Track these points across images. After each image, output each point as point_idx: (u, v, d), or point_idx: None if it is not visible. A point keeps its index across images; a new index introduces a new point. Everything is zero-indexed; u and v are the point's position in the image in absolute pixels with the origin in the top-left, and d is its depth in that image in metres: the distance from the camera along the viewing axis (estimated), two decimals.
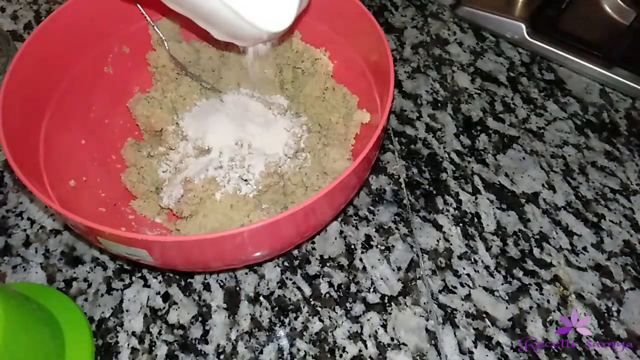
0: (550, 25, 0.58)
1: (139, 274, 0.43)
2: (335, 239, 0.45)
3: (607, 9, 0.60)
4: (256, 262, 0.43)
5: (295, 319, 0.41)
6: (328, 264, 0.44)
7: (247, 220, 0.40)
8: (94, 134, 0.45)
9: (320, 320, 0.41)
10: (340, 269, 0.43)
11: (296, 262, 0.44)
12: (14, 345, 0.32)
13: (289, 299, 0.42)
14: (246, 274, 0.43)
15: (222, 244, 0.33)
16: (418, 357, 0.39)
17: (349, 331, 0.40)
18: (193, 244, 0.31)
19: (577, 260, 0.44)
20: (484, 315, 0.41)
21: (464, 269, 0.44)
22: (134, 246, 0.32)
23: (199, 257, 0.35)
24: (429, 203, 0.47)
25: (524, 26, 0.58)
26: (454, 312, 0.41)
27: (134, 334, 0.40)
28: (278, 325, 0.41)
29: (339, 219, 0.46)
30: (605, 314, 0.42)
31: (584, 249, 0.45)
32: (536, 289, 0.43)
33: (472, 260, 0.44)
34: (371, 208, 0.47)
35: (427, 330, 0.41)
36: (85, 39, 0.44)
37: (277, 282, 0.43)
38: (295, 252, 0.44)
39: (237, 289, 0.42)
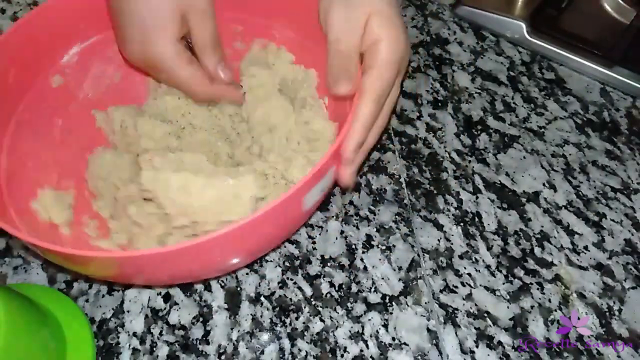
0: (551, 24, 0.58)
1: None
2: (336, 238, 0.45)
3: (607, 7, 0.60)
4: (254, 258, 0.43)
5: (297, 319, 0.41)
6: (329, 264, 0.44)
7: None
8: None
9: (322, 320, 0.41)
10: (341, 269, 0.43)
11: (297, 262, 0.44)
12: (15, 346, 0.32)
13: (290, 299, 0.42)
14: (247, 274, 0.43)
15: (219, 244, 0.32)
16: (419, 357, 0.39)
17: (350, 331, 0.40)
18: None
19: (578, 260, 0.44)
20: (485, 315, 0.41)
21: (465, 268, 0.44)
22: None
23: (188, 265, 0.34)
24: (429, 203, 0.47)
25: (524, 25, 0.58)
26: (455, 311, 0.41)
27: (135, 334, 0.40)
28: (279, 325, 0.41)
29: (340, 218, 0.46)
30: (607, 313, 0.42)
31: (585, 248, 0.45)
32: (537, 288, 0.43)
33: (473, 259, 0.44)
34: (372, 208, 0.47)
35: (428, 330, 0.41)
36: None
37: (278, 282, 0.43)
38: (296, 252, 0.44)
39: (238, 289, 0.42)
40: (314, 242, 0.45)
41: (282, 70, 0.49)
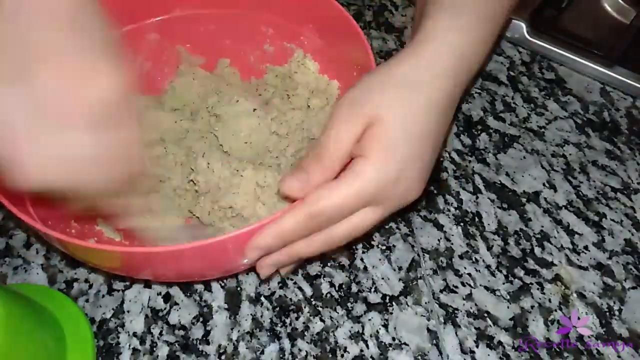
0: (551, 24, 0.58)
1: None
2: None
3: (607, 7, 0.60)
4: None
5: (297, 319, 0.41)
6: (329, 264, 0.44)
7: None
8: None
9: (322, 320, 0.41)
10: (341, 269, 0.43)
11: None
12: (15, 347, 0.32)
13: (290, 299, 0.42)
14: (247, 274, 0.43)
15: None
16: (419, 357, 0.39)
17: (350, 331, 0.40)
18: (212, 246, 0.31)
19: (578, 259, 0.44)
20: (486, 315, 0.41)
21: (465, 268, 0.44)
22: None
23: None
24: (429, 202, 0.47)
25: (524, 25, 0.58)
26: (455, 311, 0.41)
27: (135, 334, 0.40)
28: (279, 325, 0.41)
29: None
30: (607, 313, 0.42)
31: (585, 247, 0.45)
32: (537, 288, 0.43)
33: (473, 259, 0.44)
34: None
35: (428, 330, 0.41)
36: None
37: (278, 282, 0.43)
38: None
39: (238, 289, 0.42)
40: None
41: (305, 80, 0.49)
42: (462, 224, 0.46)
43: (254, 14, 0.48)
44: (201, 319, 0.41)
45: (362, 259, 0.44)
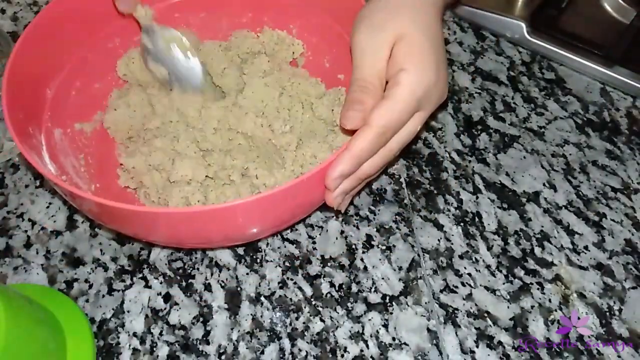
0: (551, 24, 0.58)
1: (140, 275, 0.43)
2: (336, 238, 0.45)
3: (608, 7, 0.60)
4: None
5: (297, 319, 0.41)
6: (329, 264, 0.44)
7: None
8: None
9: (322, 320, 0.41)
10: (341, 269, 0.43)
11: (297, 262, 0.44)
12: (16, 347, 0.32)
13: (290, 299, 0.42)
14: (247, 274, 0.43)
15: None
16: (419, 357, 0.39)
17: (350, 331, 0.40)
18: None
19: (578, 259, 0.44)
20: (486, 315, 0.41)
21: (465, 268, 0.44)
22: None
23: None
24: (429, 203, 0.47)
25: (524, 25, 0.58)
26: (456, 311, 0.41)
27: (135, 334, 0.40)
28: (279, 325, 0.41)
29: (340, 219, 0.46)
30: (607, 313, 0.42)
31: (585, 247, 0.45)
32: (537, 288, 0.43)
33: (474, 259, 0.44)
34: (372, 208, 0.47)
35: (428, 330, 0.41)
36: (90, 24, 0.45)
37: (278, 282, 0.43)
38: (296, 252, 0.44)
39: (238, 289, 0.42)
40: (314, 242, 0.45)
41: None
42: (462, 224, 0.46)
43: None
44: (201, 319, 0.41)
45: (362, 259, 0.44)
